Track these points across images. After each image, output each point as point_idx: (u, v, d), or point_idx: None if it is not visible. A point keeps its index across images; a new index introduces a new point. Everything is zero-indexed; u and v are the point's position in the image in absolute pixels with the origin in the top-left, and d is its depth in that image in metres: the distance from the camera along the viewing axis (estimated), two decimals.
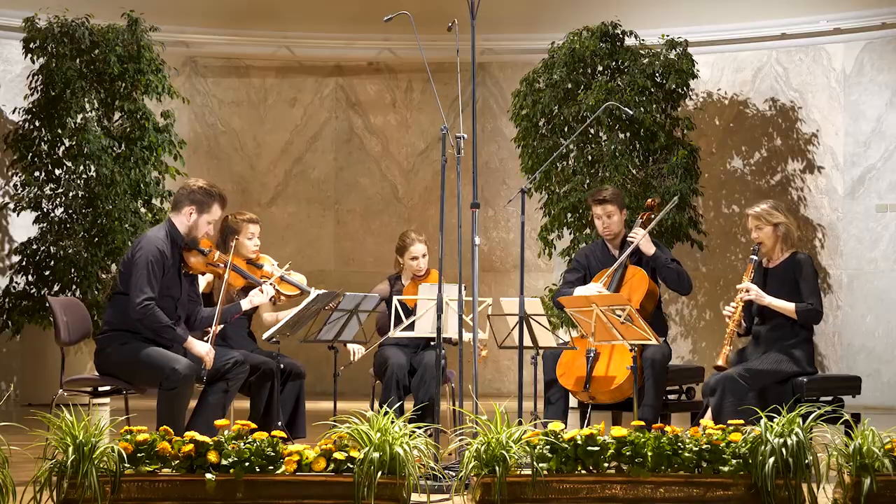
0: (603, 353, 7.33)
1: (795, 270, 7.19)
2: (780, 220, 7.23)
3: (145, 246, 6.77)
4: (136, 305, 6.68)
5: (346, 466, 5.55)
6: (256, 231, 7.72)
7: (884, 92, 11.64)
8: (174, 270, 6.88)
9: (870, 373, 11.30)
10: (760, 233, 7.26)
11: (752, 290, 7.15)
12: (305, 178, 13.25)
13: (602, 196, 7.75)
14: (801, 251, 7.34)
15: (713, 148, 12.30)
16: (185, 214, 6.91)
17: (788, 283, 7.17)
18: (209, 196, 6.91)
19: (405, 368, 7.82)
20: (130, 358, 6.75)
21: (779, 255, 7.27)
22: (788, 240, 7.25)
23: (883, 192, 11.61)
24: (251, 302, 7.21)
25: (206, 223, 6.92)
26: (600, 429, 5.72)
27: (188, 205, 6.91)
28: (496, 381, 12.94)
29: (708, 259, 12.20)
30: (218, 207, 6.95)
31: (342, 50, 13.15)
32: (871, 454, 5.62)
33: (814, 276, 7.21)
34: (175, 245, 6.89)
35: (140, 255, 6.74)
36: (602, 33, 11.22)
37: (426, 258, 8.19)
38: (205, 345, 6.84)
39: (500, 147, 13.06)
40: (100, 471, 5.45)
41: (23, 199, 11.17)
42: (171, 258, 6.85)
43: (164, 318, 6.73)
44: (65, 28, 11.12)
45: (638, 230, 7.70)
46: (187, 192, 6.93)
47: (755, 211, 7.29)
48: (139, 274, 6.70)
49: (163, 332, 6.74)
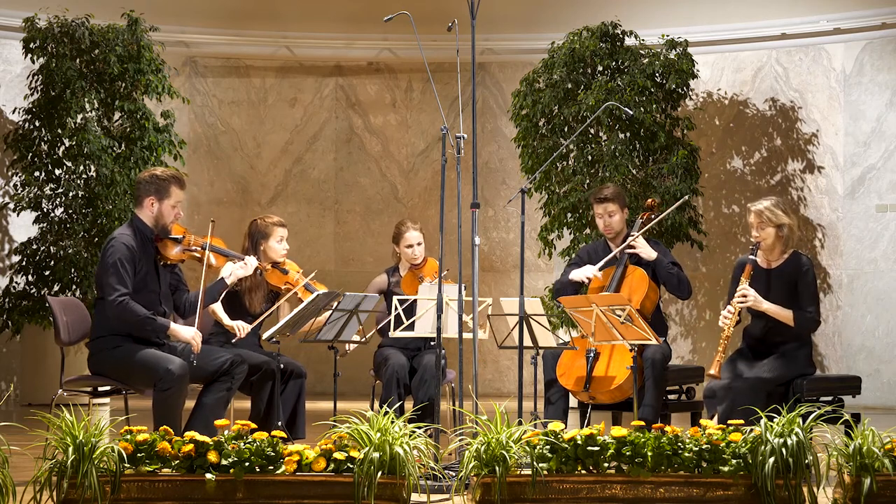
0: (603, 353, 7.32)
1: (798, 273, 7.05)
2: (784, 222, 7.02)
3: (110, 245, 6.77)
4: (112, 304, 6.66)
5: (346, 466, 5.55)
6: (285, 234, 7.70)
7: (884, 92, 11.64)
8: (149, 265, 6.86)
9: (870, 373, 11.31)
10: (762, 232, 7.05)
11: (751, 295, 7.01)
12: (305, 178, 13.25)
13: (603, 195, 7.75)
14: (802, 252, 7.24)
15: (713, 148, 12.30)
16: (146, 206, 6.89)
17: (789, 286, 7.06)
18: (164, 181, 6.88)
19: (405, 368, 7.82)
20: (124, 361, 6.74)
21: (778, 255, 7.12)
22: (790, 241, 7.10)
23: (883, 192, 11.61)
24: (234, 275, 7.12)
25: (169, 208, 6.89)
26: (600, 429, 5.71)
27: (147, 195, 6.88)
28: (496, 381, 12.94)
29: (708, 259, 12.20)
30: (176, 189, 6.90)
31: (342, 50, 13.15)
32: (871, 454, 5.62)
33: (814, 281, 7.09)
34: (146, 239, 6.87)
35: (105, 256, 6.74)
36: (602, 33, 11.22)
37: (422, 246, 8.15)
38: (189, 329, 6.82)
39: (500, 147, 13.07)
40: (100, 471, 5.45)
41: (23, 199, 11.17)
42: (143, 253, 6.82)
43: (142, 309, 6.70)
44: (65, 28, 11.13)
45: (637, 239, 7.66)
46: (142, 183, 6.91)
47: (759, 208, 7.05)
48: (107, 274, 6.69)
49: (143, 325, 6.72)
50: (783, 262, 7.12)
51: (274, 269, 7.62)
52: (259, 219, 7.71)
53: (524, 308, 6.89)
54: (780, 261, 7.13)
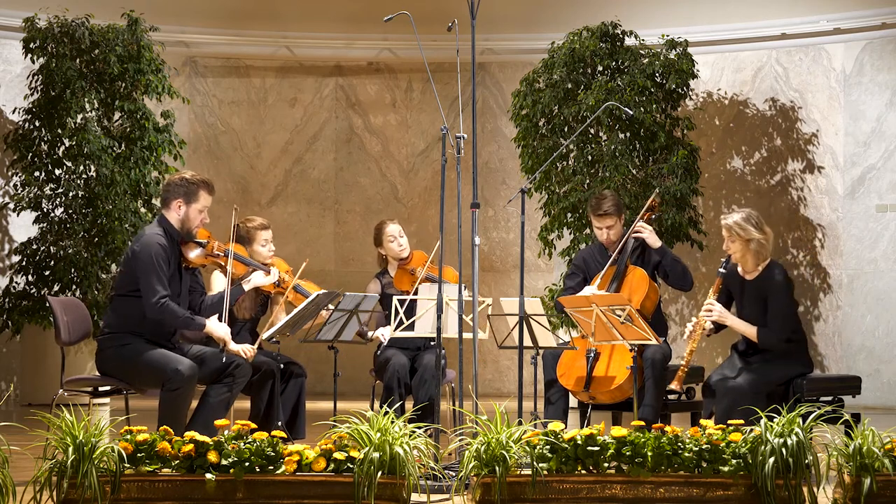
0: (603, 353, 7.32)
1: (767, 288, 7.02)
2: (753, 237, 6.99)
3: (147, 243, 6.75)
4: (154, 305, 6.67)
5: (346, 466, 5.55)
6: (269, 236, 7.69)
7: (884, 92, 11.64)
8: (174, 268, 6.88)
9: (870, 373, 11.31)
10: (732, 245, 7.05)
11: (716, 309, 7.04)
12: (305, 178, 13.26)
13: (603, 210, 7.68)
14: (778, 263, 7.14)
15: (713, 148, 12.30)
16: (174, 209, 6.90)
17: (763, 298, 7.04)
18: (193, 185, 6.89)
19: (405, 368, 7.82)
20: (132, 360, 6.74)
21: (754, 266, 7.09)
22: (761, 254, 7.05)
23: (883, 192, 11.61)
24: (253, 282, 7.21)
25: (196, 212, 6.90)
26: (600, 429, 5.71)
27: (175, 198, 6.89)
28: (496, 381, 12.94)
29: (708, 259, 12.20)
30: (205, 194, 6.92)
31: (342, 50, 13.15)
32: (871, 454, 5.62)
33: (784, 295, 7.00)
34: (172, 240, 6.89)
35: (144, 254, 6.72)
36: (602, 33, 11.22)
37: (404, 238, 8.13)
38: (224, 326, 6.91)
39: (500, 147, 13.07)
40: (100, 471, 5.45)
41: (23, 199, 11.17)
42: (171, 254, 6.84)
43: (181, 310, 6.76)
44: (65, 28, 11.13)
45: (639, 230, 7.67)
46: (172, 185, 6.93)
47: (728, 222, 7.05)
48: (148, 274, 6.69)
49: (186, 325, 6.80)
50: (759, 274, 7.10)
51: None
52: (241, 223, 7.64)
53: (524, 308, 6.89)
54: (756, 272, 7.11)
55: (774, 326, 6.97)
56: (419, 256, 8.13)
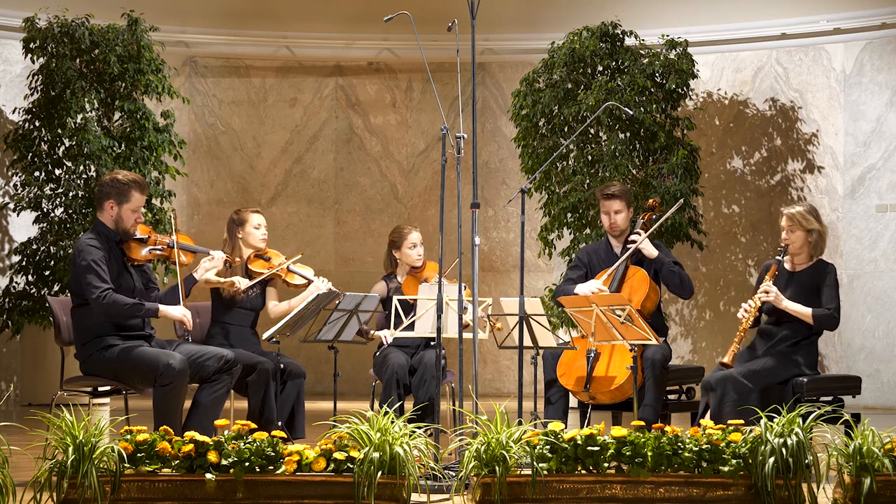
0: (603, 353, 7.33)
1: (820, 277, 7.16)
2: (814, 227, 7.17)
3: (78, 249, 6.77)
4: (98, 300, 6.66)
5: (346, 466, 5.55)
6: (262, 221, 7.72)
7: (884, 92, 11.64)
8: (119, 266, 6.86)
9: (870, 373, 11.31)
10: (792, 235, 7.18)
11: (772, 292, 7.11)
12: (305, 178, 13.25)
13: (611, 191, 7.73)
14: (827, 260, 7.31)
15: (713, 148, 12.30)
16: (107, 209, 6.88)
17: (810, 290, 7.15)
18: (125, 185, 6.87)
19: (405, 368, 7.81)
20: (119, 361, 6.74)
21: (805, 260, 7.23)
22: (818, 248, 7.22)
23: (883, 192, 11.61)
24: (201, 268, 7.15)
25: (130, 212, 6.87)
26: (600, 429, 5.71)
27: (107, 199, 6.88)
28: (496, 381, 12.94)
29: (708, 259, 12.20)
30: (136, 193, 6.89)
31: (342, 50, 13.15)
32: (871, 454, 5.63)
33: (836, 284, 7.18)
34: (111, 242, 6.87)
35: (78, 260, 6.74)
36: (602, 33, 11.22)
37: (422, 247, 8.16)
38: (179, 307, 6.84)
39: (500, 147, 13.07)
40: (100, 471, 5.45)
41: (23, 199, 11.17)
42: (110, 255, 6.82)
43: (127, 298, 6.73)
44: (65, 28, 11.12)
45: (639, 232, 7.69)
46: (104, 186, 6.91)
47: (791, 212, 7.19)
48: (86, 275, 6.69)
49: (134, 312, 6.75)
50: (807, 268, 7.22)
51: (256, 258, 7.64)
52: (234, 211, 7.77)
53: (524, 308, 6.89)
54: (804, 265, 7.23)
55: (831, 305, 7.09)
56: (432, 267, 8.14)
